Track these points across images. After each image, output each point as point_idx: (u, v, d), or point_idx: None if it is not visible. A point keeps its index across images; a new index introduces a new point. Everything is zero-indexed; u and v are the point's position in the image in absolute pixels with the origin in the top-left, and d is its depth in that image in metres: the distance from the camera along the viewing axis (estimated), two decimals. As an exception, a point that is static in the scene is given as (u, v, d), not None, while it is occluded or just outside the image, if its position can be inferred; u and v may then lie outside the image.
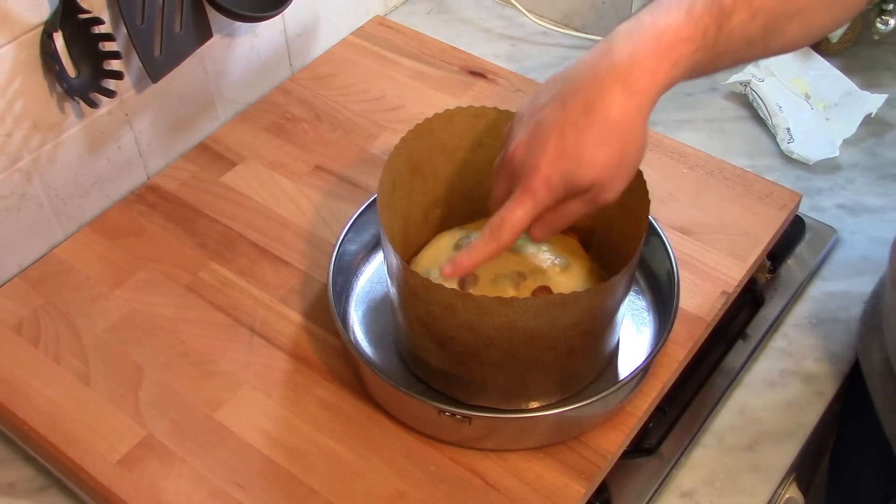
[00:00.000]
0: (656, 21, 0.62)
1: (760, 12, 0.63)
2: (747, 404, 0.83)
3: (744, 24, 0.63)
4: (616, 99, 0.61)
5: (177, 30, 0.88)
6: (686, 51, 0.62)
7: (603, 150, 0.62)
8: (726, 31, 0.62)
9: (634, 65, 0.61)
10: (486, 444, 0.73)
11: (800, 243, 0.94)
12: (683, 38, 0.61)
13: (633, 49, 0.61)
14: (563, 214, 0.66)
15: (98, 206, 0.94)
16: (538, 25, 1.19)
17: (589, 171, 0.62)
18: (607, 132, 0.62)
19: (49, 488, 0.78)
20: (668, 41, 0.61)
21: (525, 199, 0.64)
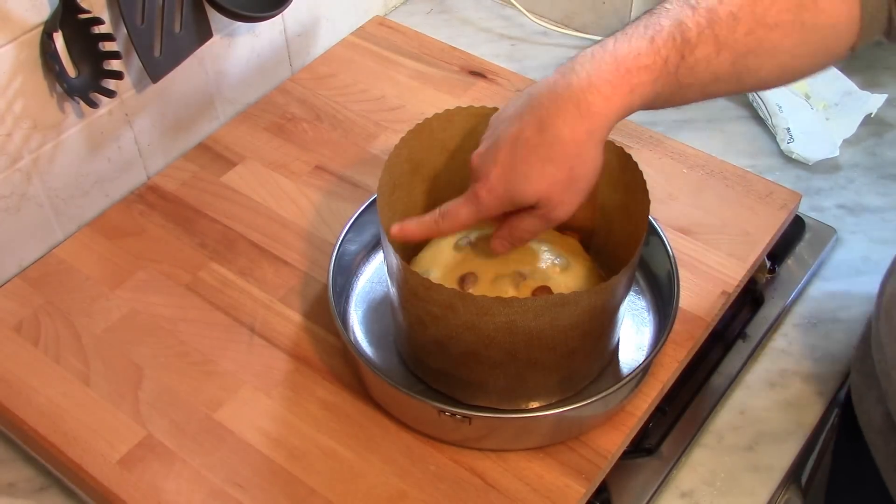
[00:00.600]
0: (618, 47, 0.62)
1: (726, 48, 0.62)
2: (747, 404, 0.83)
3: (709, 57, 0.62)
4: (568, 120, 0.62)
5: (177, 30, 0.88)
6: (644, 79, 0.62)
7: (550, 168, 0.63)
8: (690, 62, 0.62)
9: (590, 88, 0.62)
10: (486, 444, 0.73)
11: (800, 243, 0.94)
12: (642, 66, 0.62)
13: (592, 72, 0.62)
14: (519, 229, 0.69)
15: (98, 206, 0.94)
16: (538, 25, 1.19)
17: (533, 188, 0.64)
18: (556, 152, 0.63)
19: (49, 488, 0.78)
20: (626, 67, 0.62)
21: (471, 202, 0.67)
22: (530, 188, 0.64)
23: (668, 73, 0.62)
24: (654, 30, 0.62)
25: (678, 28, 0.62)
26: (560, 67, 0.64)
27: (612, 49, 0.63)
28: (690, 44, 0.62)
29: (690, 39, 0.62)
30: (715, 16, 0.62)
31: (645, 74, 0.62)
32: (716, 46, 0.62)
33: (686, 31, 0.62)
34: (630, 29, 0.64)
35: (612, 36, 0.64)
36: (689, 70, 0.63)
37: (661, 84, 0.63)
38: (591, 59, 0.63)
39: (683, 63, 0.62)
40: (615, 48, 0.63)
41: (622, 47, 0.62)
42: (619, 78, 0.62)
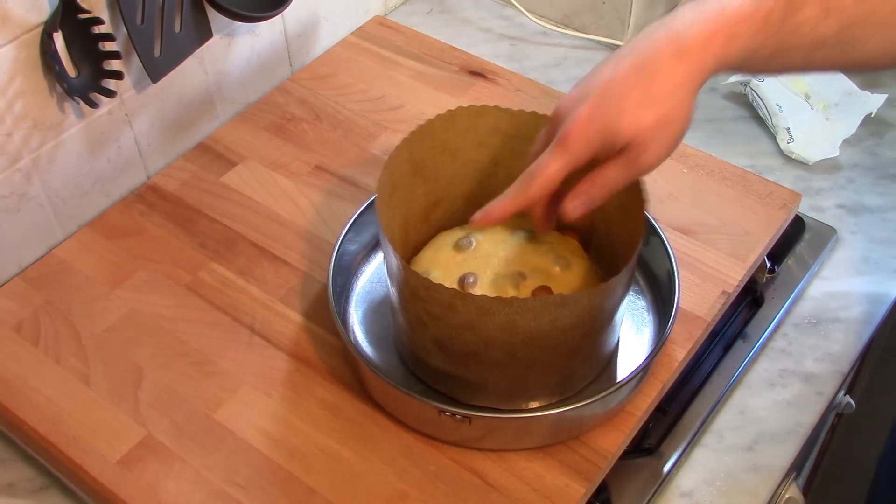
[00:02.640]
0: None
1: (834, 12, 0.61)
2: (747, 404, 0.83)
3: (815, 19, 0.61)
4: (666, 60, 0.61)
5: (177, 30, 0.88)
6: (745, 28, 0.60)
7: (645, 109, 0.61)
8: (794, 21, 0.61)
9: (690, 31, 0.61)
10: (486, 444, 0.73)
11: (800, 243, 0.94)
12: (745, 15, 0.60)
13: (693, 17, 0.61)
14: (599, 184, 0.64)
15: (98, 206, 0.94)
16: (538, 25, 1.19)
17: (627, 128, 0.61)
18: (653, 90, 0.61)
19: (49, 488, 0.78)
20: (727, 14, 0.60)
21: (560, 151, 0.63)
22: (626, 124, 0.61)
23: (771, 27, 0.60)
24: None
25: None
26: (660, 18, 0.63)
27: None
28: (796, 2, 0.60)
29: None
30: None
31: (746, 24, 0.60)
32: (823, 9, 0.60)
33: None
34: None
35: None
36: (794, 29, 0.61)
37: (763, 38, 0.61)
38: (695, 5, 0.62)
39: (789, 20, 0.60)
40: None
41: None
42: (720, 24, 0.60)
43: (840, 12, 0.61)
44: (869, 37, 0.63)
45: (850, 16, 0.61)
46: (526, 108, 0.78)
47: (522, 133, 0.76)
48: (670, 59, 0.61)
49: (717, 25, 0.60)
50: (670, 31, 0.61)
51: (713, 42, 0.60)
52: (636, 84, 0.61)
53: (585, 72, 1.17)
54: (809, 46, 0.62)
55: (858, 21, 0.62)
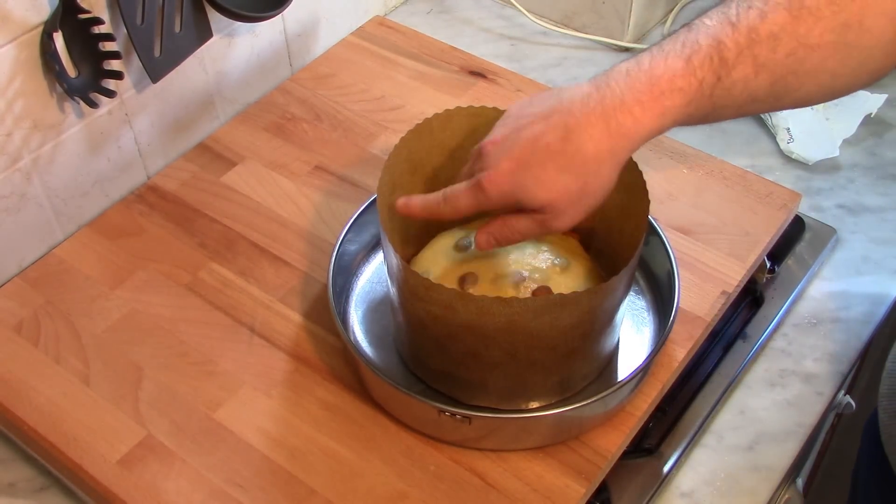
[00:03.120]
0: (654, 65, 0.61)
1: (765, 69, 0.61)
2: (747, 404, 0.83)
3: (747, 78, 0.61)
4: (594, 135, 0.61)
5: (177, 30, 0.88)
6: (678, 101, 0.61)
7: (564, 178, 0.62)
8: (726, 83, 0.61)
9: (622, 107, 0.61)
10: (486, 444, 0.73)
11: (800, 243, 0.94)
12: (677, 88, 0.61)
13: (625, 90, 0.61)
14: (510, 228, 0.66)
15: (98, 206, 0.94)
16: (538, 25, 1.19)
17: (543, 194, 0.63)
18: (575, 163, 0.62)
19: (49, 488, 0.78)
20: (660, 89, 0.61)
21: (474, 192, 0.65)
22: (541, 192, 0.63)
23: (703, 95, 0.61)
24: (692, 48, 0.61)
25: (716, 48, 0.60)
26: (595, 79, 0.63)
27: (647, 67, 0.61)
28: (728, 65, 0.60)
29: (728, 60, 0.60)
30: (756, 35, 0.60)
31: (679, 97, 0.61)
32: (755, 68, 0.61)
33: (724, 50, 0.60)
34: (667, 45, 0.62)
35: (648, 50, 0.63)
36: (726, 91, 0.61)
37: (695, 106, 0.61)
38: (625, 77, 0.62)
39: (720, 84, 0.61)
40: (651, 66, 0.61)
41: (658, 66, 0.61)
42: (653, 100, 0.61)
43: (771, 68, 0.61)
44: (801, 84, 0.62)
45: (782, 68, 0.61)
46: (526, 108, 0.78)
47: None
48: (599, 136, 0.61)
49: (649, 102, 0.61)
50: (602, 103, 0.61)
51: (646, 119, 0.61)
52: (560, 152, 0.62)
53: (585, 72, 1.18)
54: (742, 103, 0.63)
55: (790, 72, 0.61)
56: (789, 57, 0.61)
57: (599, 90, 0.62)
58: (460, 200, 0.66)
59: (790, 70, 0.61)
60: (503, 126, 0.66)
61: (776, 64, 0.61)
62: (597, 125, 0.61)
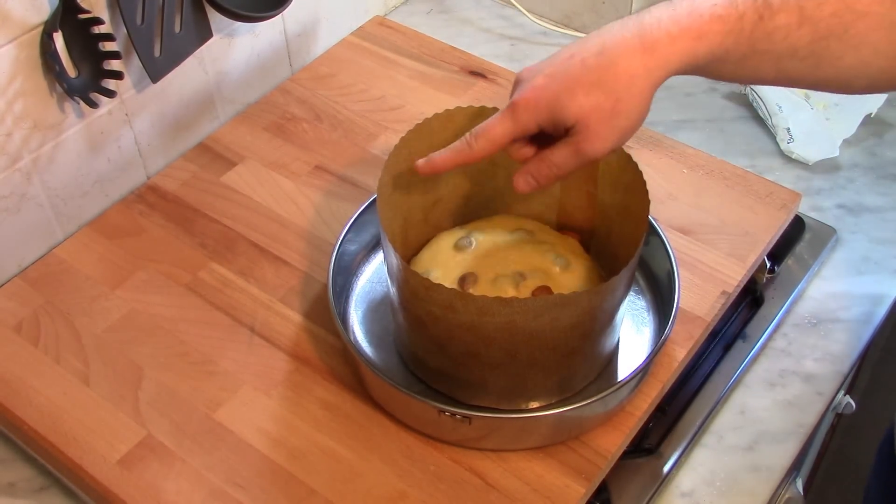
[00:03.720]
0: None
1: (808, 22, 0.60)
2: (747, 404, 0.83)
3: (789, 27, 0.60)
4: (628, 50, 0.61)
5: (177, 30, 0.88)
6: (715, 28, 0.60)
7: (597, 92, 0.61)
8: (768, 27, 0.60)
9: (658, 25, 0.61)
10: (486, 444, 0.73)
11: (800, 243, 0.94)
12: (716, 15, 0.60)
13: (664, 12, 0.61)
14: (547, 163, 0.65)
15: (98, 206, 0.94)
16: (538, 25, 1.19)
17: (574, 107, 0.61)
18: (608, 77, 0.61)
19: (49, 488, 0.78)
20: (699, 12, 0.60)
21: (508, 116, 0.64)
22: (573, 105, 0.61)
23: (742, 31, 0.60)
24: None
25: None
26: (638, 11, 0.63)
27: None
28: (772, 8, 0.60)
29: (772, 3, 0.60)
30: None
31: (717, 24, 0.60)
32: (798, 18, 0.60)
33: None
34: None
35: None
36: (766, 35, 0.60)
37: (733, 41, 0.61)
38: (667, 3, 0.62)
39: (761, 25, 0.60)
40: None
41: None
42: (690, 22, 0.60)
43: (815, 23, 0.60)
44: (843, 52, 0.62)
45: (825, 28, 0.60)
46: (526, 108, 0.77)
47: (522, 133, 0.76)
48: (633, 50, 0.61)
49: (686, 23, 0.60)
50: (640, 24, 0.61)
51: (681, 39, 0.60)
52: (594, 67, 0.61)
53: (585, 72, 1.17)
54: (781, 54, 0.62)
55: (833, 34, 0.61)
56: (834, 17, 0.60)
57: (639, 15, 0.62)
58: (495, 129, 0.64)
59: (833, 32, 0.60)
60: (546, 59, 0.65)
61: (820, 20, 0.60)
62: (631, 42, 0.61)
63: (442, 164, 0.68)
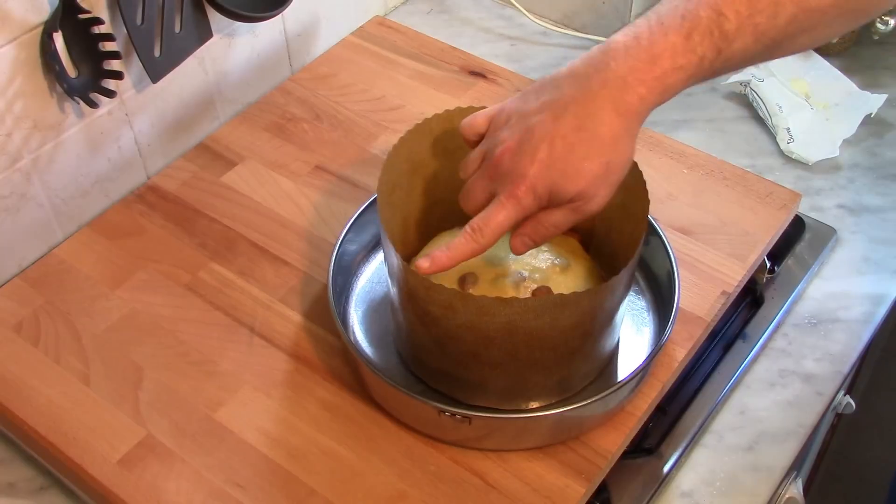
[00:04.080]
0: (654, 42, 0.61)
1: (765, 37, 0.61)
2: (747, 404, 0.83)
3: (746, 48, 0.62)
4: (605, 118, 0.62)
5: (177, 30, 0.88)
6: (680, 77, 0.62)
7: (590, 163, 0.63)
8: (726, 55, 0.62)
9: (626, 88, 0.62)
10: (486, 444, 0.73)
11: (800, 243, 0.94)
12: (678, 66, 0.61)
13: (626, 71, 0.62)
14: (545, 225, 0.66)
15: (98, 206, 0.94)
16: (538, 25, 1.19)
17: (575, 183, 0.63)
18: (595, 148, 0.63)
19: (49, 488, 0.78)
20: (662, 68, 0.61)
21: (509, 205, 0.64)
22: (570, 185, 0.63)
23: (703, 68, 0.62)
24: (692, 22, 0.61)
25: (717, 21, 0.60)
26: (591, 58, 0.63)
27: (647, 45, 0.61)
28: (728, 38, 0.61)
29: (729, 33, 0.61)
30: (757, 3, 0.60)
31: (681, 74, 0.62)
32: (755, 37, 0.61)
33: (725, 23, 0.60)
34: (666, 16, 0.62)
35: (644, 19, 0.63)
36: (725, 61, 0.62)
37: (696, 79, 0.63)
38: (625, 55, 0.62)
39: (719, 57, 0.62)
40: (650, 43, 0.61)
41: (658, 43, 0.61)
42: (655, 80, 0.61)
43: (772, 35, 0.62)
44: (796, 41, 0.64)
45: (782, 35, 0.62)
46: (526, 108, 0.77)
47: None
48: (610, 118, 0.62)
49: (652, 81, 0.61)
50: (607, 86, 0.62)
51: (650, 96, 0.62)
52: (577, 144, 0.63)
53: (585, 72, 1.17)
54: (739, 66, 0.65)
55: (788, 36, 0.63)
56: (790, 24, 0.61)
57: (599, 72, 0.62)
58: (498, 220, 0.65)
59: (789, 35, 0.62)
60: (508, 131, 0.65)
61: (777, 31, 0.61)
62: (605, 108, 0.62)
63: (448, 263, 0.67)
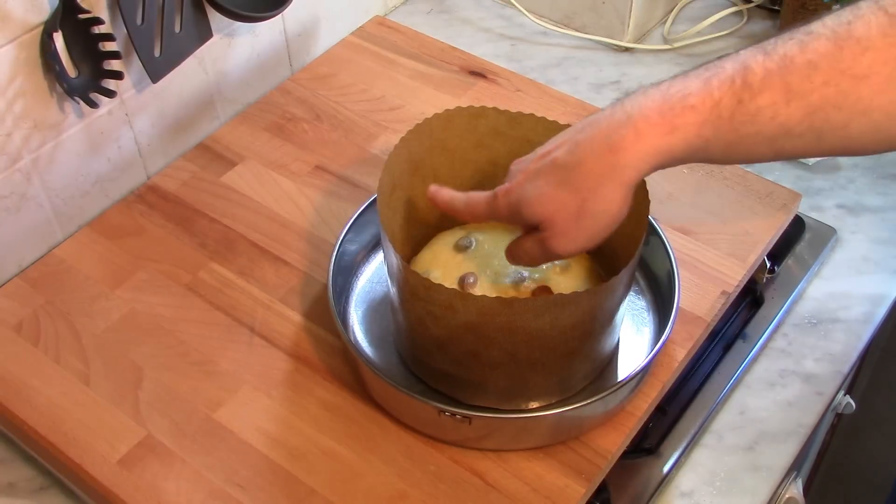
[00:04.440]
0: (672, 84, 0.58)
1: (798, 97, 0.55)
2: (747, 404, 0.83)
3: (775, 105, 0.56)
4: (596, 149, 0.59)
5: (177, 30, 0.88)
6: (689, 120, 0.57)
7: (562, 193, 0.60)
8: (750, 108, 0.56)
9: (627, 121, 0.58)
10: (486, 444, 0.73)
11: (800, 243, 0.94)
12: (689, 106, 0.57)
13: (635, 106, 0.58)
14: (520, 248, 0.67)
15: (98, 206, 0.94)
16: (538, 25, 1.19)
17: (541, 207, 0.62)
18: (574, 177, 0.60)
19: (49, 488, 0.78)
20: (670, 105, 0.57)
21: (489, 200, 0.66)
22: (537, 205, 0.61)
23: (720, 117, 0.56)
24: (714, 71, 0.57)
25: (742, 71, 0.56)
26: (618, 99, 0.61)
27: (665, 86, 0.58)
28: (752, 89, 0.55)
29: (753, 84, 0.55)
30: (790, 62, 0.55)
31: (690, 115, 0.56)
32: (785, 94, 0.55)
33: (749, 74, 0.56)
34: (693, 69, 0.58)
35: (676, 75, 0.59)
36: (750, 118, 0.56)
37: (712, 129, 0.57)
38: (641, 94, 0.59)
39: (741, 109, 0.56)
40: (668, 85, 0.58)
41: (675, 85, 0.58)
42: (660, 115, 0.57)
43: (805, 96, 0.55)
44: (847, 121, 0.56)
45: (819, 98, 0.55)
46: (525, 109, 0.78)
47: (521, 135, 0.76)
48: (600, 150, 0.59)
49: (656, 118, 0.57)
50: (610, 121, 0.59)
51: (649, 135, 0.57)
52: (563, 165, 0.60)
53: (585, 72, 1.18)
54: (773, 135, 0.57)
55: (831, 104, 0.55)
56: (828, 86, 0.55)
57: (613, 107, 0.60)
58: (478, 207, 0.68)
59: (830, 102, 0.55)
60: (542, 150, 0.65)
61: (811, 92, 0.55)
62: (598, 138, 0.59)
63: (441, 202, 0.70)
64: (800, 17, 1.12)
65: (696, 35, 1.18)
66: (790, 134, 0.57)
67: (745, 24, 1.21)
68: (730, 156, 0.59)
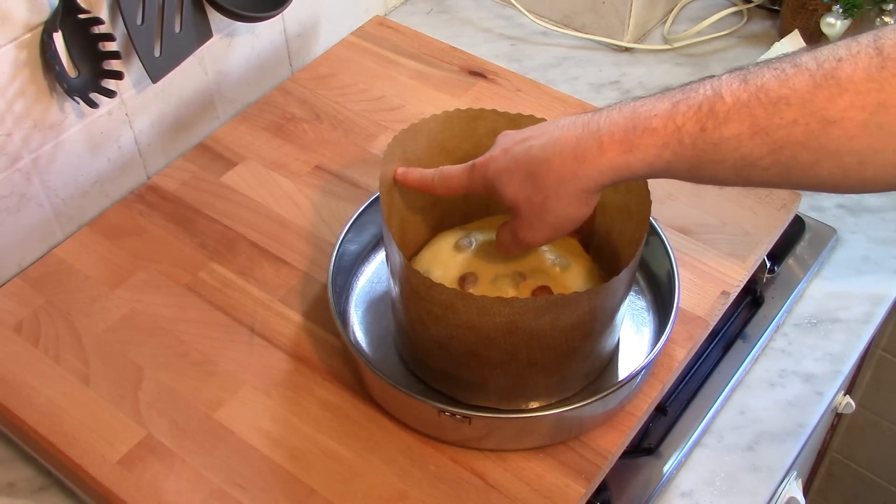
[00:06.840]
0: (645, 103, 0.60)
1: (763, 132, 0.55)
2: (747, 404, 0.83)
3: (739, 138, 0.56)
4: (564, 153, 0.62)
5: (177, 30, 0.88)
6: (648, 141, 0.58)
7: (530, 184, 0.64)
8: (713, 137, 0.56)
9: (594, 134, 0.61)
10: (486, 444, 0.73)
11: (800, 243, 0.94)
12: (651, 128, 0.58)
13: (607, 119, 0.61)
14: (503, 235, 0.71)
15: (98, 206, 0.94)
16: (538, 25, 1.19)
17: (510, 193, 0.65)
18: (542, 173, 0.63)
19: (49, 488, 0.78)
20: (634, 124, 0.59)
21: (465, 172, 0.69)
22: (508, 190, 0.65)
23: (681, 143, 0.57)
24: (687, 94, 0.58)
25: (711, 98, 0.56)
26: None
27: (639, 104, 0.60)
28: (717, 118, 0.56)
29: (719, 113, 0.56)
30: (763, 95, 0.55)
31: (651, 137, 0.58)
32: (750, 128, 0.55)
33: (718, 102, 0.56)
34: (672, 89, 0.59)
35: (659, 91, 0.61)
36: (713, 146, 0.56)
37: (672, 153, 0.58)
38: (617, 108, 0.61)
39: (703, 136, 0.56)
40: (642, 103, 0.59)
41: (647, 104, 0.59)
42: (623, 133, 0.59)
43: (770, 133, 0.55)
44: (816, 161, 0.55)
45: (784, 137, 0.55)
46: (525, 109, 0.78)
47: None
48: (567, 157, 0.62)
49: (620, 135, 0.59)
50: (583, 129, 0.62)
51: (610, 151, 0.60)
52: (534, 158, 0.63)
53: (585, 72, 1.17)
54: (738, 165, 0.57)
55: (797, 143, 0.55)
56: (795, 126, 0.54)
57: (600, 112, 0.63)
58: (453, 179, 0.70)
59: (797, 141, 0.55)
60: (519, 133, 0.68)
61: (777, 129, 0.55)
62: (570, 142, 0.62)
63: (411, 181, 0.74)
64: (800, 17, 1.12)
65: (696, 35, 1.18)
66: (755, 166, 0.57)
67: (745, 24, 1.21)
68: (695, 177, 0.60)
